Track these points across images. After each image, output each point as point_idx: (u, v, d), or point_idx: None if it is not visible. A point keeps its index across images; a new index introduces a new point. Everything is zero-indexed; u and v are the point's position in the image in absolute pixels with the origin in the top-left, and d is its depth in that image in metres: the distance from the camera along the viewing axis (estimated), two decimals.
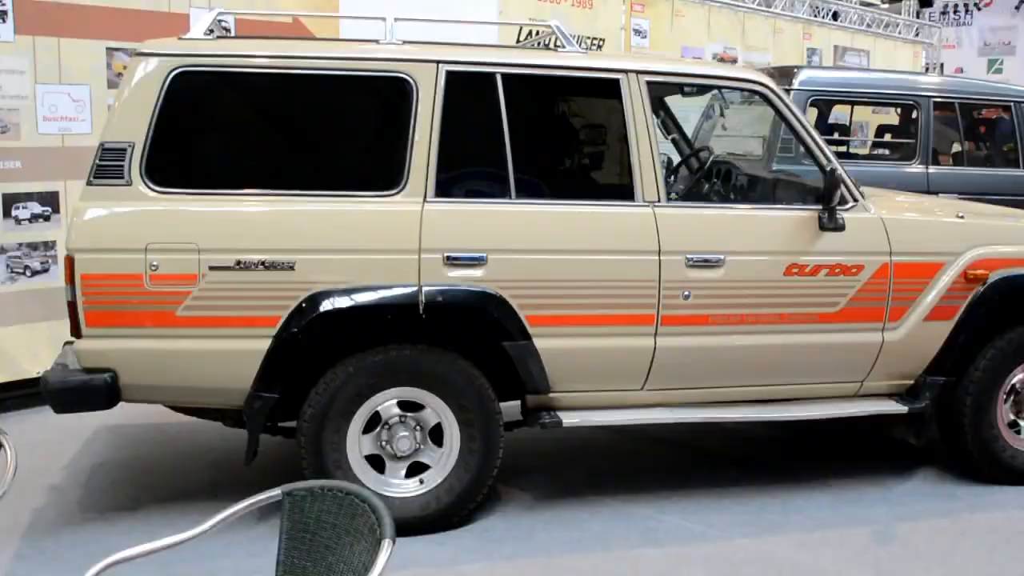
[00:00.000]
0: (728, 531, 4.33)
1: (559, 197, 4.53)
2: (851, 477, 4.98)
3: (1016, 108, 8.04)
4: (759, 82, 4.52)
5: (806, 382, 4.58)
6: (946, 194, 7.33)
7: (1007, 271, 4.67)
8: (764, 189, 5.25)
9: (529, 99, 4.81)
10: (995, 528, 4.44)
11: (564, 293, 4.12)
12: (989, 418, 4.77)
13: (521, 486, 4.77)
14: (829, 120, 8.88)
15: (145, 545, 2.30)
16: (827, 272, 4.39)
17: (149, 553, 2.29)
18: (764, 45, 13.40)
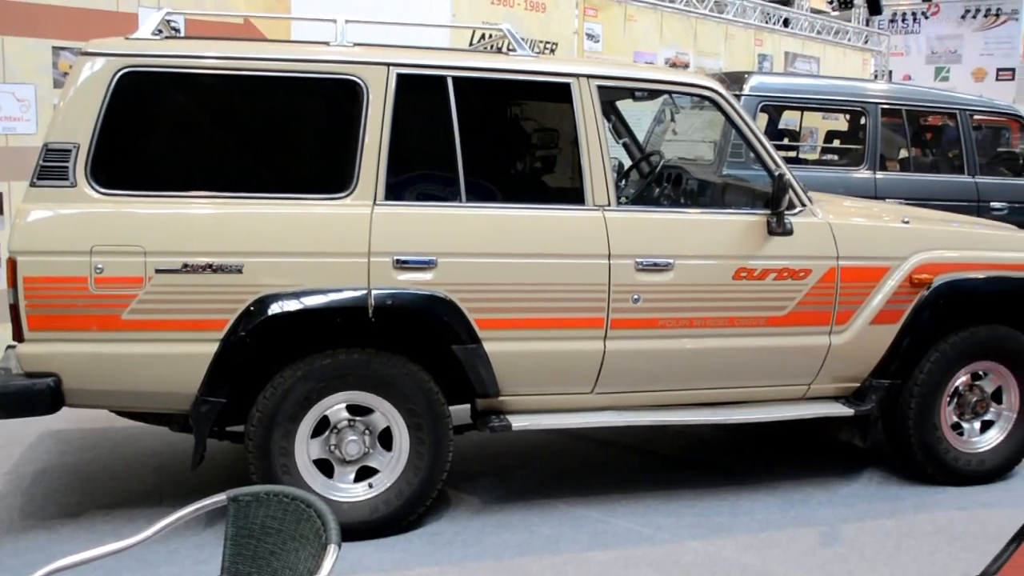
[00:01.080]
0: (677, 533, 4.35)
1: (509, 201, 4.52)
2: (798, 479, 5.02)
3: (961, 115, 8.17)
4: (709, 87, 4.55)
5: (754, 385, 4.62)
6: (893, 199, 7.44)
7: (951, 275, 4.74)
8: (714, 194, 5.28)
9: (480, 102, 4.81)
10: (938, 528, 4.50)
11: (514, 297, 4.13)
12: (933, 420, 4.84)
13: (470, 490, 4.76)
14: (779, 125, 8.98)
15: (88, 552, 2.28)
16: (775, 276, 4.43)
17: (92, 560, 2.27)
18: (716, 50, 13.52)
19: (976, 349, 4.87)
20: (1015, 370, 4.97)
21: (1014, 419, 5.03)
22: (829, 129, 10.16)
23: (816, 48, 17.22)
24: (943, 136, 8.98)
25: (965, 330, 4.84)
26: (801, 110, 8.82)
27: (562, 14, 10.42)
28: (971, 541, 4.38)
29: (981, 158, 8.61)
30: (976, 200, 8.06)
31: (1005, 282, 4.91)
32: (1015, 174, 8.79)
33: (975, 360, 4.90)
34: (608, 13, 11.36)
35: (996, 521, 4.59)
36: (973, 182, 8.14)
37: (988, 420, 5.05)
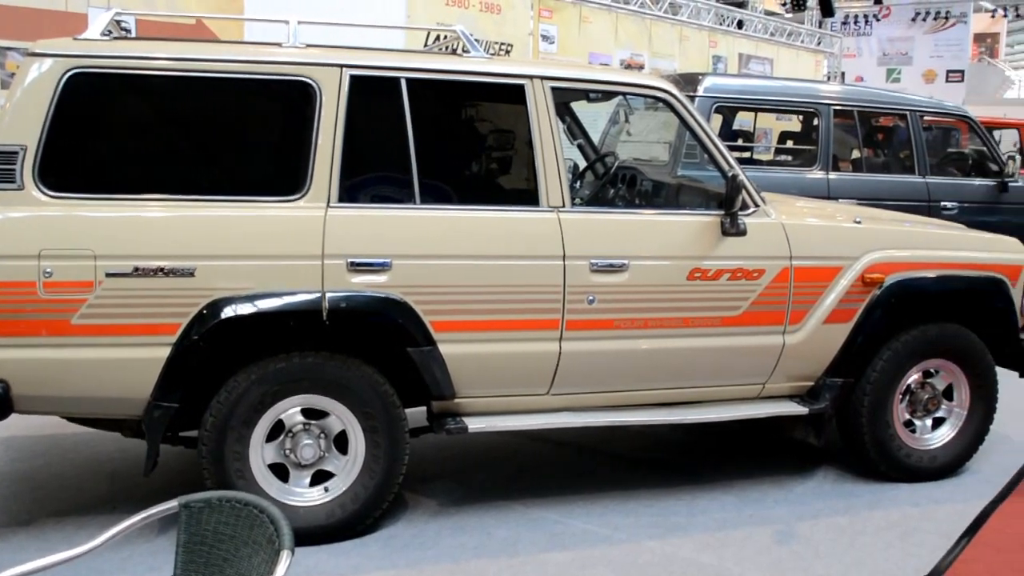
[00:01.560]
0: (634, 533, 4.36)
1: (464, 202, 4.52)
2: (754, 478, 5.06)
3: (911, 116, 8.27)
4: (662, 88, 4.57)
5: (710, 385, 4.64)
6: (846, 199, 7.52)
7: (902, 275, 4.79)
8: (668, 194, 5.31)
9: (434, 104, 4.79)
10: (892, 524, 4.55)
11: (469, 298, 4.12)
12: (886, 418, 4.89)
13: (427, 492, 4.75)
14: (733, 126, 9.04)
15: (39, 560, 2.24)
16: (729, 276, 4.45)
17: (43, 568, 2.23)
18: (670, 52, 13.63)
19: (927, 347, 4.93)
20: (965, 367, 5.04)
21: (965, 416, 5.10)
22: (783, 130, 10.26)
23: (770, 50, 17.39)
24: (894, 137, 9.10)
25: (916, 328, 4.90)
26: (755, 111, 8.90)
27: (517, 15, 10.46)
28: (923, 537, 4.42)
29: (931, 158, 8.74)
30: (927, 200, 8.17)
31: (955, 281, 4.97)
32: (965, 174, 8.93)
33: (926, 358, 4.96)
34: (563, 15, 11.42)
35: (948, 517, 4.65)
36: (924, 182, 8.25)
37: (940, 417, 5.11)
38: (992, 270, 5.04)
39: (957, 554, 4.29)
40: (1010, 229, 7.16)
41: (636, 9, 12.82)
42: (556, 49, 10.98)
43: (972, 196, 8.50)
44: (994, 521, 4.66)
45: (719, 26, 15.67)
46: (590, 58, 11.53)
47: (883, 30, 32.02)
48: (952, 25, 31.17)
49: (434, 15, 8.65)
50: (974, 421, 5.12)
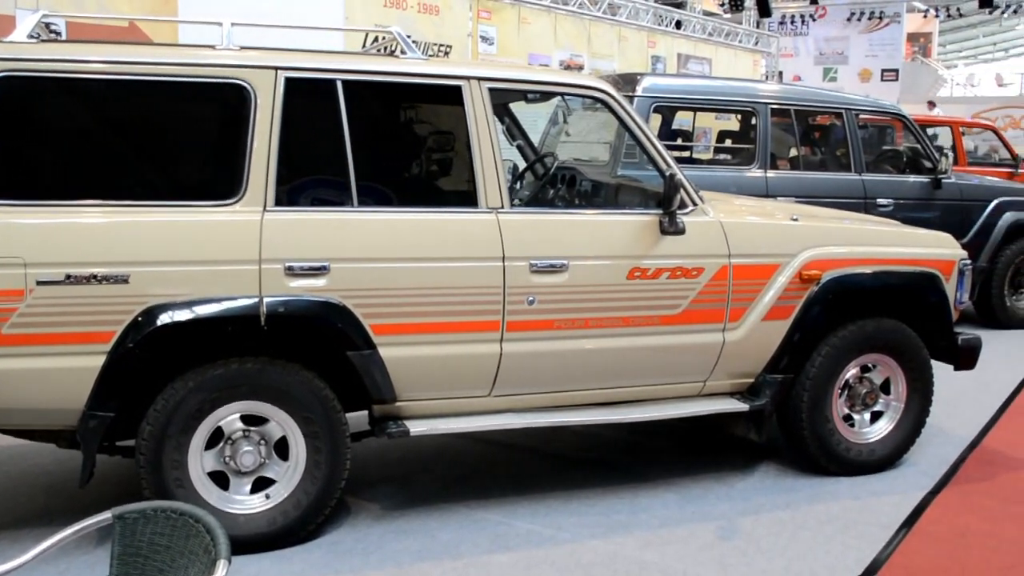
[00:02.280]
0: (577, 533, 4.37)
1: (402, 204, 4.50)
2: (697, 475, 5.09)
3: (847, 115, 8.37)
4: (599, 88, 4.58)
5: (651, 383, 4.66)
6: (784, 197, 7.59)
7: (839, 271, 4.84)
8: (607, 194, 5.32)
9: (371, 106, 4.77)
10: (832, 517, 4.60)
11: (409, 301, 4.09)
12: (825, 412, 4.94)
13: (370, 497, 4.72)
14: (673, 126, 9.08)
15: None
16: (668, 275, 4.47)
17: None
18: (610, 52, 13.69)
19: (864, 342, 4.99)
20: (902, 362, 5.11)
21: (902, 409, 5.17)
22: (721, 129, 10.33)
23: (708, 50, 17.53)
24: (831, 135, 9.20)
25: (854, 324, 4.95)
26: (694, 111, 8.95)
27: (456, 16, 10.44)
28: (864, 529, 4.48)
29: (867, 156, 8.85)
30: (863, 197, 8.27)
31: (891, 277, 5.04)
32: (899, 171, 9.06)
33: (864, 353, 5.02)
34: (502, 15, 11.42)
35: (887, 509, 4.71)
36: (860, 179, 8.35)
37: (878, 411, 5.17)
38: (926, 265, 5.12)
39: (896, 545, 4.35)
40: (943, 225, 7.28)
41: (575, 10, 12.86)
42: (495, 50, 10.98)
43: (907, 193, 8.62)
44: (932, 512, 4.74)
45: (658, 26, 15.77)
46: (529, 59, 11.54)
47: (819, 30, 32.48)
48: (886, 25, 31.70)
49: (372, 17, 8.60)
50: (911, 414, 5.19)
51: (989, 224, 9.15)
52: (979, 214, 9.11)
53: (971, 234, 9.01)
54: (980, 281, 9.17)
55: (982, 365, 5.61)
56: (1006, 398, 6.86)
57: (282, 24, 4.82)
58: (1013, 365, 7.86)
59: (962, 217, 8.97)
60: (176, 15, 6.95)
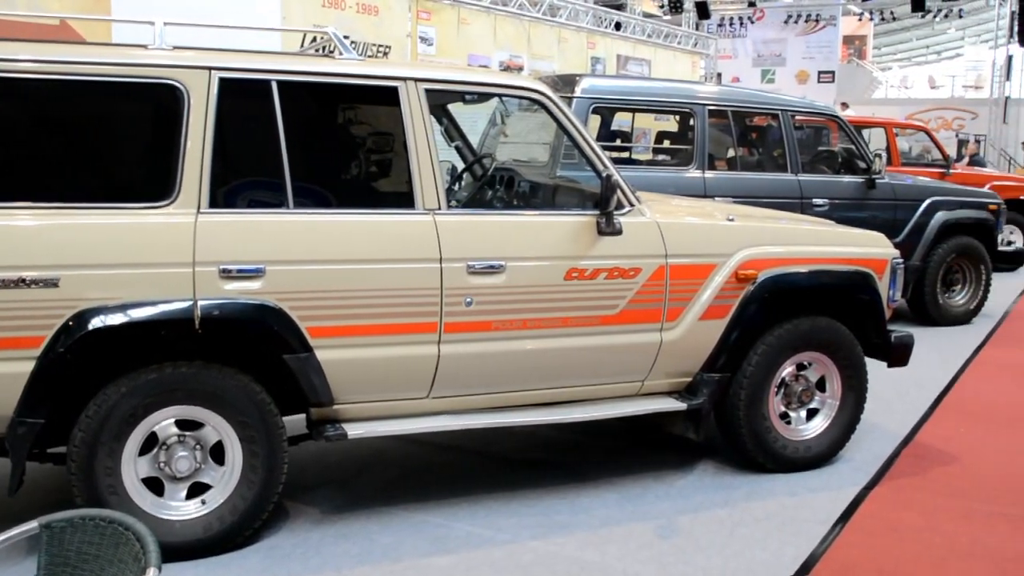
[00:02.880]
0: (517, 534, 4.37)
1: (339, 206, 4.47)
2: (636, 474, 5.11)
3: (783, 116, 8.47)
4: (535, 89, 4.59)
5: (589, 383, 4.67)
6: (722, 198, 7.65)
7: (774, 270, 4.89)
8: (545, 195, 5.33)
9: (307, 107, 4.74)
10: (769, 514, 4.65)
11: (346, 303, 4.07)
12: (762, 410, 4.99)
13: (309, 501, 4.68)
14: (612, 127, 9.13)
15: None
16: (606, 275, 4.49)
17: None
18: (549, 53, 13.73)
19: (800, 340, 5.04)
20: (837, 359, 5.17)
21: (837, 406, 5.24)
22: (660, 130, 10.40)
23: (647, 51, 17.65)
24: (768, 136, 9.29)
25: (789, 322, 5.01)
26: (633, 111, 9.00)
27: (395, 17, 10.40)
28: (800, 525, 4.53)
29: (803, 157, 8.97)
30: (799, 197, 8.37)
31: (826, 276, 5.11)
32: (835, 172, 9.18)
33: (799, 351, 5.08)
34: (441, 16, 11.40)
35: (823, 505, 4.77)
36: (796, 180, 8.45)
37: (813, 408, 5.24)
38: (860, 264, 5.19)
39: (832, 540, 4.41)
40: (877, 224, 7.40)
41: (515, 11, 12.88)
42: (435, 51, 10.96)
43: (842, 193, 8.75)
44: (866, 506, 4.80)
45: (597, 28, 15.84)
46: (469, 60, 11.54)
47: (757, 32, 32.86)
48: (822, 28, 32.15)
49: (310, 17, 8.53)
50: (846, 411, 5.26)
51: (922, 223, 9.32)
52: (912, 213, 9.28)
53: (904, 233, 9.17)
54: (913, 279, 9.34)
55: (915, 362, 5.70)
56: (938, 394, 6.98)
57: (217, 24, 4.77)
58: (946, 361, 8.01)
59: (895, 216, 9.13)
60: (109, 14, 6.84)
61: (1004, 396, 7.10)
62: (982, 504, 4.90)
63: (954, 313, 9.77)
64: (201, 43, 4.25)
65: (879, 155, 9.17)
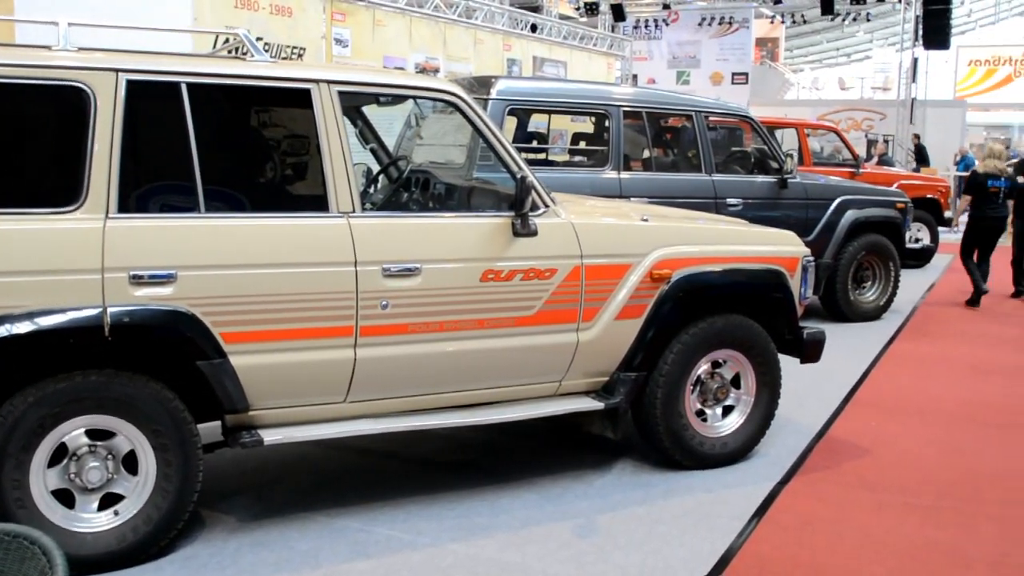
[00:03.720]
0: (437, 537, 4.36)
1: (252, 210, 4.42)
2: (556, 474, 5.13)
3: (697, 117, 8.58)
4: (448, 92, 4.58)
5: (507, 384, 4.68)
6: (637, 198, 7.72)
7: (688, 270, 4.95)
8: (461, 197, 5.33)
9: (218, 109, 4.67)
10: (687, 511, 4.70)
11: (260, 308, 4.02)
12: (678, 408, 5.05)
13: (225, 509, 4.61)
14: (529, 128, 9.16)
15: None
16: (521, 277, 4.50)
17: None
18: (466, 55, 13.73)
19: (714, 338, 5.11)
20: (751, 356, 5.26)
21: (752, 402, 5.33)
22: (576, 131, 10.45)
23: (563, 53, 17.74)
24: (682, 137, 9.41)
25: (704, 321, 5.07)
26: (548, 113, 9.04)
27: (309, 19, 10.30)
28: (717, 521, 4.59)
29: (717, 157, 9.09)
30: (714, 197, 8.49)
31: (739, 274, 5.18)
32: (748, 172, 9.33)
33: (714, 349, 5.15)
34: (356, 18, 11.32)
35: (739, 500, 4.84)
36: (710, 180, 8.57)
37: (729, 405, 5.32)
38: (772, 263, 5.28)
39: (748, 535, 4.48)
40: (790, 223, 7.55)
41: (430, 13, 12.85)
42: (350, 53, 10.89)
43: (755, 193, 8.89)
44: (781, 501, 4.89)
45: (513, 29, 15.88)
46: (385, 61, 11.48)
47: (672, 34, 33.23)
48: (736, 30, 32.64)
49: (222, 18, 8.40)
50: (760, 407, 5.35)
51: (833, 222, 9.51)
52: (823, 212, 9.47)
53: (816, 232, 9.36)
54: (825, 277, 9.53)
55: (828, 357, 5.82)
56: (850, 388, 7.14)
57: (125, 25, 4.68)
58: (857, 356, 8.18)
59: (807, 215, 9.30)
60: (12, 13, 6.67)
61: (913, 389, 7.28)
62: (893, 495, 5.02)
63: (865, 309, 9.99)
64: (110, 44, 4.16)
65: (791, 155, 9.33)
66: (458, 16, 13.67)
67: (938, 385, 7.43)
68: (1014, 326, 10.04)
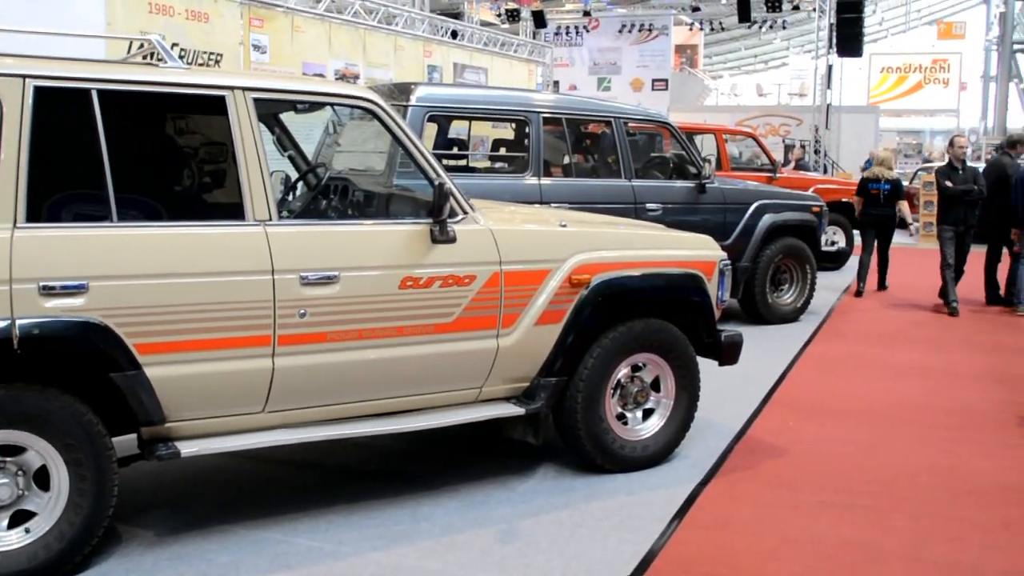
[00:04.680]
0: (359, 546, 4.33)
1: (167, 218, 4.35)
2: (478, 480, 5.13)
3: (616, 123, 8.65)
4: (365, 98, 4.56)
5: (428, 392, 4.67)
6: (558, 204, 7.77)
7: (607, 274, 4.99)
8: (380, 204, 5.31)
9: (130, 117, 4.58)
10: (609, 514, 4.73)
11: (175, 318, 3.95)
12: (599, 412, 5.08)
13: (143, 523, 4.53)
14: (450, 135, 9.16)
15: None
16: (440, 283, 4.50)
17: None
18: (386, 62, 13.66)
19: (634, 342, 5.16)
20: (670, 359, 5.31)
21: (672, 405, 5.38)
22: (496, 138, 10.47)
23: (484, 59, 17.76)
24: (602, 143, 9.47)
25: (623, 325, 5.11)
26: (468, 119, 9.04)
27: (226, 24, 10.16)
28: (639, 523, 4.63)
29: (636, 163, 9.17)
30: (633, 202, 8.56)
31: (657, 278, 5.23)
32: (667, 177, 9.44)
33: (634, 352, 5.19)
34: (274, 24, 11.21)
35: (660, 502, 4.89)
36: (630, 185, 8.64)
37: (649, 408, 5.37)
38: (689, 267, 5.34)
39: (669, 536, 4.52)
40: (708, 227, 7.65)
41: (349, 19, 12.78)
42: (268, 59, 10.77)
43: (674, 198, 8.98)
44: (702, 501, 4.95)
45: (434, 36, 15.87)
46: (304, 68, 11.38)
47: (593, 41, 33.52)
48: (655, 37, 33.04)
49: (137, 23, 8.25)
50: (680, 409, 5.41)
51: (750, 226, 9.66)
52: (741, 216, 9.61)
53: (734, 236, 9.49)
54: (743, 280, 9.67)
55: (746, 359, 5.91)
56: (768, 390, 7.26)
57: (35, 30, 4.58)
58: (775, 358, 8.32)
59: (726, 220, 9.44)
60: None
61: (829, 389, 7.42)
62: (809, 494, 5.11)
63: (782, 311, 10.16)
64: (20, 50, 4.06)
65: (709, 160, 9.45)
66: (378, 22, 13.61)
67: (854, 385, 7.58)
68: (929, 327, 10.29)
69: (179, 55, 7.90)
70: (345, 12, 12.72)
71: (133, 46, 7.95)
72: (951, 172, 11.23)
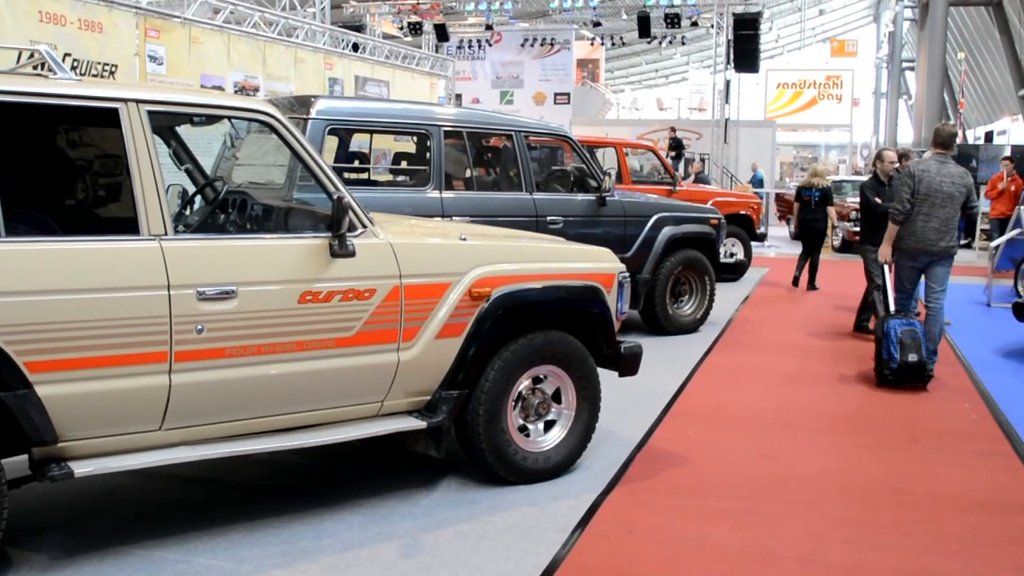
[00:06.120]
0: (260, 564, 4.28)
1: (59, 233, 4.25)
2: (381, 494, 5.12)
3: (517, 137, 8.70)
4: (263, 112, 4.53)
5: (329, 407, 4.64)
6: (459, 217, 7.79)
7: (508, 287, 5.02)
8: (279, 218, 5.26)
9: (18, 129, 4.48)
10: (512, 525, 4.76)
11: (67, 335, 3.86)
12: (501, 424, 5.11)
13: (35, 547, 4.40)
14: (352, 148, 9.11)
15: None
16: (340, 298, 4.48)
17: None
18: (286, 74, 13.54)
19: (535, 354, 5.20)
20: (570, 371, 5.36)
21: (573, 416, 5.43)
22: (398, 151, 10.46)
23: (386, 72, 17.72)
24: (503, 156, 9.52)
25: (524, 337, 5.15)
26: (370, 133, 9.02)
27: (121, 34, 9.96)
28: (542, 533, 4.67)
29: (538, 176, 9.25)
30: (535, 215, 8.62)
31: (557, 291, 5.28)
32: (568, 190, 9.52)
33: (535, 365, 5.23)
34: (171, 35, 11.03)
35: (562, 512, 4.93)
36: (531, 198, 8.70)
37: (551, 420, 5.41)
38: (589, 279, 5.41)
39: (571, 546, 4.56)
40: (609, 240, 7.75)
41: (249, 31, 12.65)
42: (165, 70, 10.59)
43: (575, 211, 9.06)
44: (604, 511, 5.00)
45: (335, 49, 15.78)
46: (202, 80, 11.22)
47: (495, 55, 33.70)
48: (557, 51, 33.36)
49: (27, 32, 8.05)
50: (582, 420, 5.46)
51: (650, 238, 9.80)
52: (641, 229, 9.74)
53: (634, 248, 9.62)
54: (644, 291, 9.80)
55: (647, 370, 6.00)
56: (669, 399, 7.36)
57: None
58: (676, 368, 8.45)
59: (626, 232, 9.56)
60: None
61: (728, 398, 7.56)
62: (709, 501, 5.20)
63: (683, 322, 10.32)
64: None
65: (609, 174, 9.56)
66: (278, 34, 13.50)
67: (752, 394, 7.74)
68: (823, 338, 10.54)
69: (71, 66, 7.77)
70: (244, 24, 12.58)
71: (22, 56, 7.76)
72: (879, 187, 10.25)
